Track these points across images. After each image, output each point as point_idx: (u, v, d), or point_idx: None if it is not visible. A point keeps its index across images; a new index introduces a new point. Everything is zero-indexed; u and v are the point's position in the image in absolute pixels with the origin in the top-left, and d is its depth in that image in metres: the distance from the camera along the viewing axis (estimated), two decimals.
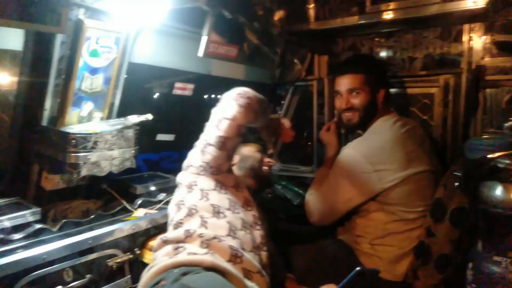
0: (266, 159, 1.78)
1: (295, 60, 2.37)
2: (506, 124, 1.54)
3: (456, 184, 1.46)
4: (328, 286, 1.35)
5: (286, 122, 1.69)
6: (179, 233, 1.24)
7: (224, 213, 1.32)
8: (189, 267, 1.08)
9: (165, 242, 1.24)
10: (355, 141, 1.83)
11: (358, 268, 1.16)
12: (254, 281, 1.20)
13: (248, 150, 1.73)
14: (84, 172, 1.48)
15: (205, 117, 2.32)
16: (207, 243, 1.20)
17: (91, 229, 1.48)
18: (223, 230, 1.26)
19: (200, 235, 1.21)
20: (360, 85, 1.83)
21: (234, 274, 1.12)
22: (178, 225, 1.28)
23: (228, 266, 1.13)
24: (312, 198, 1.86)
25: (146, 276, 1.13)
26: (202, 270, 1.09)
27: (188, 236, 1.22)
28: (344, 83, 1.87)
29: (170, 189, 1.83)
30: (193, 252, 1.16)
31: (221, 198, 1.36)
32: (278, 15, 2.06)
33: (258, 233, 1.41)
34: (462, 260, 1.49)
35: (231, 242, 1.24)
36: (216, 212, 1.31)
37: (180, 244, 1.20)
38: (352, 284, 1.16)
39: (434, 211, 1.57)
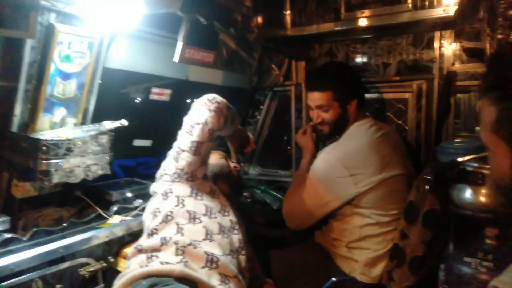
0: (232, 164, 1.79)
1: (273, 66, 2.39)
2: (478, 128, 1.58)
3: (427, 187, 1.50)
4: None
5: (249, 133, 1.77)
6: (155, 241, 1.22)
7: (200, 218, 1.32)
8: (159, 278, 1.08)
9: (140, 251, 1.22)
10: (331, 146, 1.86)
11: (333, 279, 1.17)
12: (231, 286, 1.20)
13: (213, 158, 1.74)
14: (56, 179, 1.44)
15: (182, 123, 2.30)
16: (182, 250, 1.19)
17: (63, 237, 1.45)
18: (199, 234, 1.26)
19: (176, 242, 1.20)
20: (328, 102, 1.84)
21: (205, 283, 1.12)
22: (153, 232, 1.27)
23: (199, 275, 1.13)
24: (289, 203, 1.87)
25: (116, 285, 1.12)
26: (173, 281, 1.08)
27: (164, 244, 1.21)
28: (313, 99, 1.89)
29: (146, 195, 1.80)
30: (165, 261, 1.15)
31: (197, 204, 1.36)
32: (255, 21, 2.07)
33: (236, 237, 1.42)
34: (435, 261, 1.52)
35: (207, 246, 1.24)
36: (192, 218, 1.31)
37: (155, 253, 1.19)
38: None
39: (407, 213, 1.60)
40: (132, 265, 1.20)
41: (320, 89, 1.85)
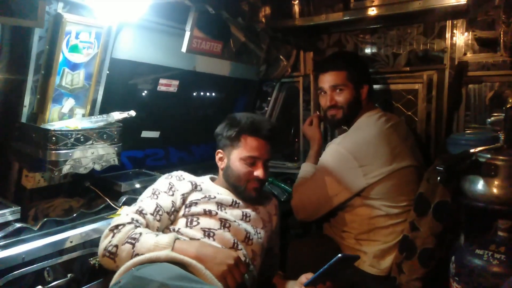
0: None
1: (281, 57, 2.36)
2: (489, 120, 1.56)
3: (439, 178, 1.48)
4: (306, 275, 1.39)
5: None
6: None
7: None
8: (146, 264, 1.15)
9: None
10: (341, 137, 1.84)
11: (340, 255, 1.23)
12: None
13: None
14: (65, 170, 1.45)
15: (190, 114, 2.31)
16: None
17: (73, 227, 1.46)
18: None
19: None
20: (343, 82, 1.83)
21: (192, 264, 1.18)
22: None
23: (184, 258, 1.19)
24: (298, 195, 1.86)
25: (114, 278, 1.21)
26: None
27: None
28: (327, 80, 1.87)
29: None
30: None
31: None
32: (263, 11, 2.05)
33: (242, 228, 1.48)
34: (445, 253, 1.51)
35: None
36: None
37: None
38: (333, 269, 1.25)
39: (418, 205, 1.59)
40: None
41: (335, 68, 1.85)
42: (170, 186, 1.49)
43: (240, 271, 1.23)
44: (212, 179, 1.68)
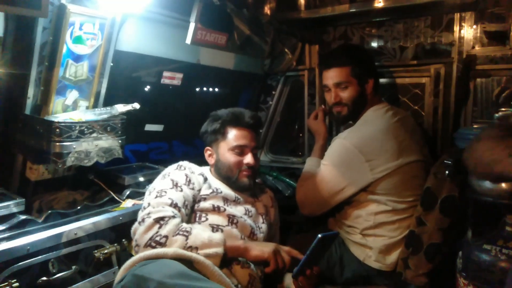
0: None
1: (286, 50, 2.34)
2: (497, 115, 1.53)
3: (447, 172, 1.46)
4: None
5: None
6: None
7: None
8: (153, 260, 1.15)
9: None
10: (347, 131, 1.82)
11: (319, 235, 1.26)
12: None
13: None
14: (69, 162, 1.44)
15: (194, 107, 2.30)
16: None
17: (77, 220, 1.46)
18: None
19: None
20: (347, 78, 1.80)
21: (200, 261, 1.18)
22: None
23: (193, 254, 1.20)
24: (303, 189, 1.85)
25: (119, 273, 1.23)
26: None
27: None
28: (331, 76, 1.84)
29: None
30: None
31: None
32: (268, 3, 2.03)
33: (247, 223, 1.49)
34: (452, 249, 1.50)
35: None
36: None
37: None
38: (316, 252, 1.29)
39: (425, 200, 1.57)
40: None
41: (339, 65, 1.81)
42: (189, 179, 1.48)
43: (284, 257, 1.33)
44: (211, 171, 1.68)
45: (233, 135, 1.57)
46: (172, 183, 1.43)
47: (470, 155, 1.23)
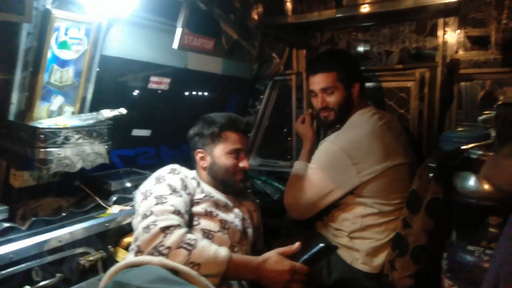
0: None
1: (273, 54, 2.35)
2: (480, 118, 1.57)
3: (431, 175, 1.48)
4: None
5: None
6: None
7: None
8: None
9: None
10: (334, 135, 1.83)
11: (322, 244, 1.29)
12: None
13: None
14: (54, 168, 1.43)
15: (181, 112, 2.29)
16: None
17: (62, 227, 1.44)
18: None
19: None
20: (333, 83, 1.82)
21: (185, 272, 1.15)
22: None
23: (178, 264, 1.16)
24: (291, 193, 1.85)
25: (103, 279, 1.20)
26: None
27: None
28: (317, 82, 1.85)
29: None
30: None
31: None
32: (255, 8, 2.04)
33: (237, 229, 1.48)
34: (437, 250, 1.51)
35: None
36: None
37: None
38: (314, 258, 1.33)
39: (410, 202, 1.58)
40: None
41: (325, 70, 1.83)
42: (185, 184, 1.47)
43: (299, 279, 1.27)
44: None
45: (231, 139, 1.59)
46: (170, 189, 1.39)
47: (497, 173, 1.19)
